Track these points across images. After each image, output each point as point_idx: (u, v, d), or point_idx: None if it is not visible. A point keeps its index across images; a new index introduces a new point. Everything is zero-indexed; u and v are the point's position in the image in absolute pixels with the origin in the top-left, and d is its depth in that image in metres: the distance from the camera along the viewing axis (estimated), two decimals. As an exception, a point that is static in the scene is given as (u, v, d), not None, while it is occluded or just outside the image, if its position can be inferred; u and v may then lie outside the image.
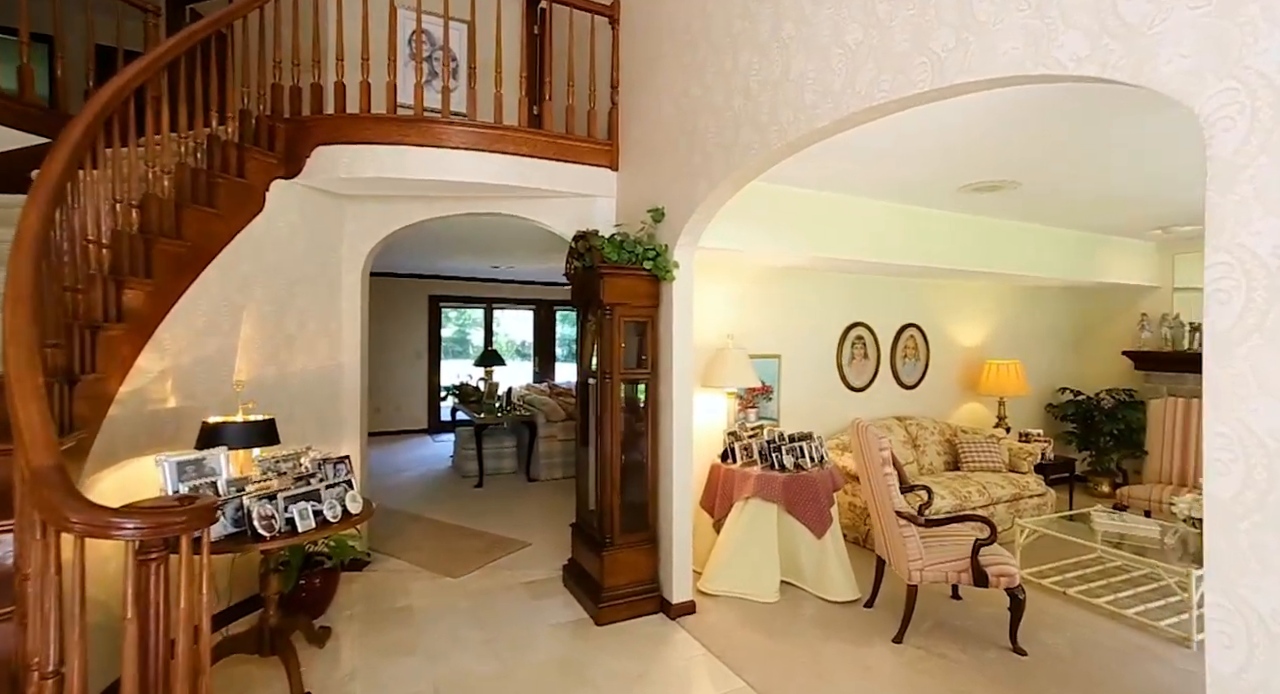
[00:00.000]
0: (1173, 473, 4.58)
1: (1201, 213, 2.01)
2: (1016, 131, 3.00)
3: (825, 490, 3.79)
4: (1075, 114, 2.73)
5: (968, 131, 3.02)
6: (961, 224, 4.70)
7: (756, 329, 4.75)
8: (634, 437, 3.68)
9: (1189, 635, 3.15)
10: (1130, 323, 6.03)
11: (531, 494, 6.01)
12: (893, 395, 5.45)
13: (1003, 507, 4.56)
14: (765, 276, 4.82)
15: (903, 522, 3.13)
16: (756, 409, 4.76)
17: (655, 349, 3.62)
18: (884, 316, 5.40)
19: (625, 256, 3.46)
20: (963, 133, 3.04)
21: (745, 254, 4.06)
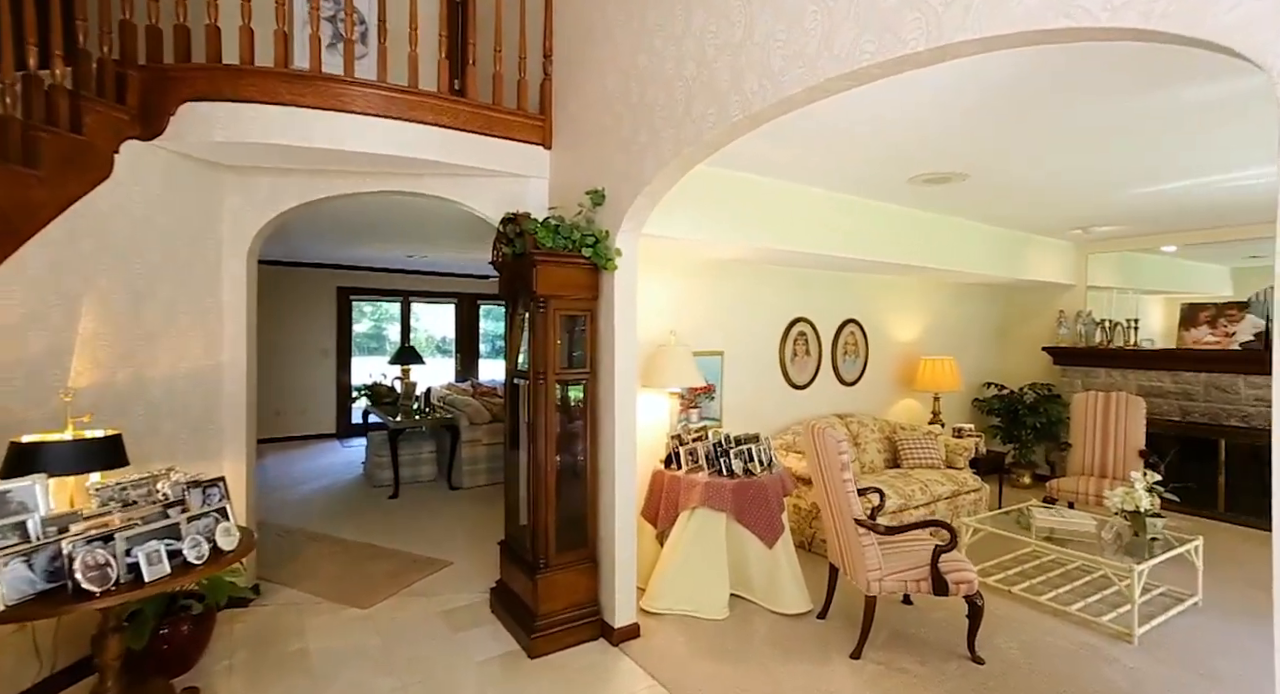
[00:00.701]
0: (1094, 465, 4.72)
1: (1119, 214, 1.88)
2: (969, 121, 2.87)
3: (776, 496, 3.57)
4: (1028, 103, 2.61)
5: (921, 120, 2.88)
6: (905, 219, 4.62)
7: (699, 325, 4.49)
8: (570, 444, 3.31)
9: (1130, 631, 3.15)
10: (1049, 320, 6.26)
11: (454, 505, 5.50)
12: (834, 393, 5.35)
13: (943, 504, 4.54)
14: (709, 269, 4.56)
15: (862, 530, 2.94)
16: (699, 409, 4.50)
17: (595, 346, 3.26)
18: (826, 312, 5.29)
19: (561, 242, 3.07)
20: (916, 121, 2.90)
21: (691, 244, 3.77)
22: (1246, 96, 2.50)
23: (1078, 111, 2.71)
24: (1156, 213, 4.60)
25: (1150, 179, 3.69)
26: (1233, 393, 5.03)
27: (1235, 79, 2.34)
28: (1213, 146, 3.13)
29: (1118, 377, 5.66)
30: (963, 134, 3.04)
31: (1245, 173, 3.58)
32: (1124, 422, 4.66)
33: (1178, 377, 5.31)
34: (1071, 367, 5.97)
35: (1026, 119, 2.81)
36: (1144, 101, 2.58)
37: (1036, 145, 3.14)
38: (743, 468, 3.64)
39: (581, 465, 3.26)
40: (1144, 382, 5.50)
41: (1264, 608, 3.56)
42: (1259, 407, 4.92)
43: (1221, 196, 4.10)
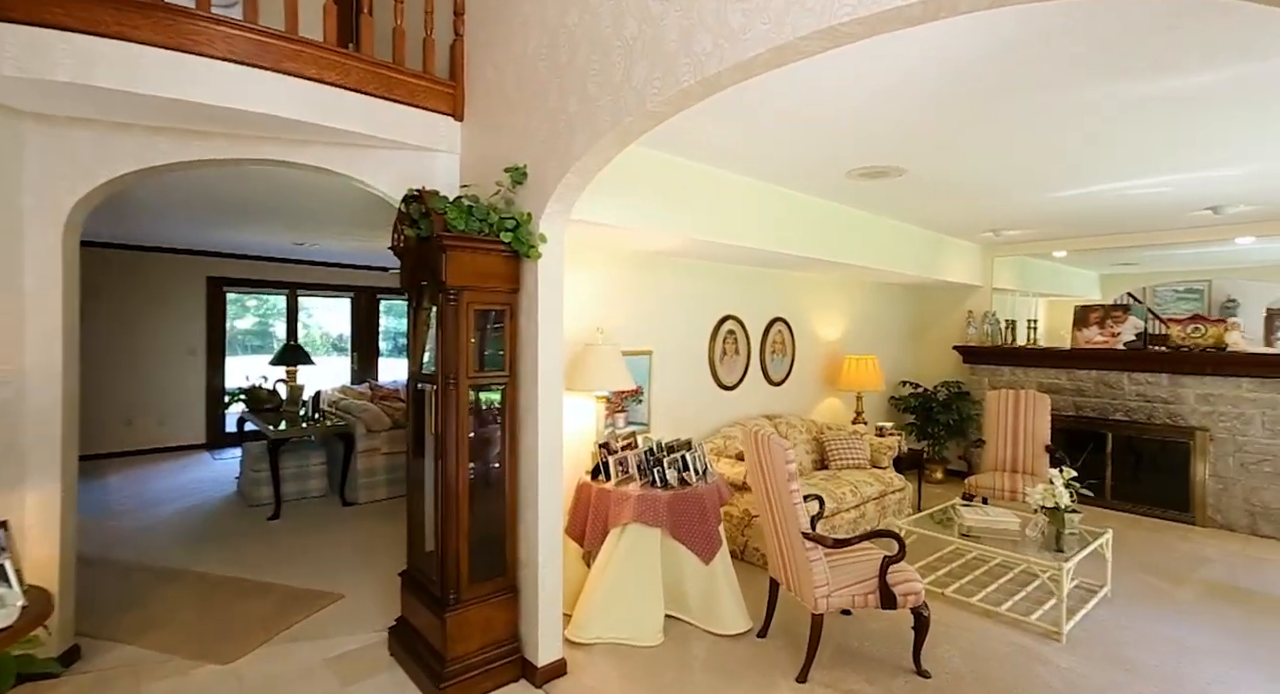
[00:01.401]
0: (1006, 460, 4.87)
1: (1029, 217, 1.73)
2: (915, 113, 2.76)
3: (713, 508, 3.32)
4: (976, 95, 2.50)
5: (869, 110, 2.75)
6: (838, 215, 4.54)
7: (628, 322, 4.17)
8: (485, 457, 2.89)
9: (1059, 629, 3.17)
10: (959, 319, 6.49)
11: (347, 524, 4.85)
12: (762, 393, 5.22)
13: (872, 505, 4.49)
14: (638, 262, 4.25)
15: (809, 545, 2.74)
16: (626, 413, 4.19)
17: (515, 345, 2.85)
18: (755, 310, 5.13)
19: (476, 226, 2.65)
20: (863, 110, 2.76)
21: (622, 232, 3.43)
22: (1169, 100, 2.51)
23: (1022, 106, 2.64)
24: (1062, 217, 4.80)
25: (1069, 181, 3.77)
26: (1118, 389, 5.39)
27: (1172, 78, 2.32)
28: (1125, 151, 3.20)
29: (1020, 374, 5.94)
30: (906, 127, 2.91)
31: (1141, 182, 3.73)
32: (1032, 418, 4.83)
33: (1072, 374, 5.62)
34: (979, 365, 6.21)
35: (972, 112, 2.71)
36: (1086, 96, 2.54)
37: (975, 140, 3.08)
38: (677, 478, 3.36)
39: (499, 481, 2.85)
40: (1043, 379, 5.79)
41: (1160, 594, 3.74)
42: (1139, 402, 5.29)
43: (1115, 204, 4.31)
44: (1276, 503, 4.72)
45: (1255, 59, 2.17)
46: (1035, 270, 6.78)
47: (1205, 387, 4.97)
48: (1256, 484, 4.79)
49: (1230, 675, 2.87)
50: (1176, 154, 3.22)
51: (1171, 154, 3.22)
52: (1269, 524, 4.75)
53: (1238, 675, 2.87)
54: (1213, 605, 3.62)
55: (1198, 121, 2.77)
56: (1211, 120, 2.75)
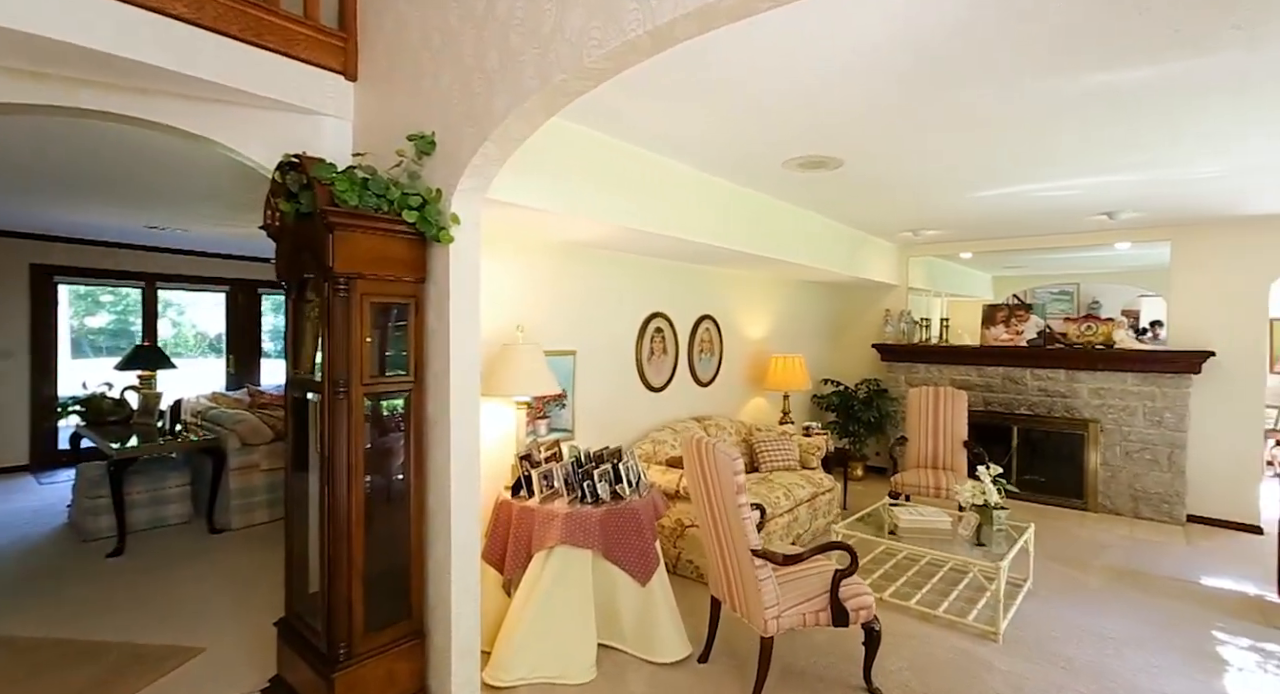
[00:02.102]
0: (928, 457, 4.95)
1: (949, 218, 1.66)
2: (862, 100, 2.63)
3: (649, 523, 3.02)
4: (924, 83, 2.36)
5: (816, 94, 2.57)
6: (770, 209, 4.38)
7: (550, 319, 3.79)
8: (386, 477, 2.43)
9: (995, 629, 3.15)
10: (877, 318, 6.61)
11: (213, 556, 4.12)
12: (691, 394, 4.99)
13: (804, 508, 4.38)
14: (561, 254, 3.87)
15: (759, 562, 2.50)
16: (548, 419, 3.80)
17: (422, 344, 2.41)
18: (683, 307, 4.90)
19: (372, 202, 2.19)
20: (810, 94, 2.59)
21: (546, 218, 3.05)
22: (1107, 96, 2.49)
23: (970, 97, 2.53)
24: (977, 219, 4.93)
25: (992, 180, 3.80)
26: (1023, 384, 5.65)
27: (1122, 71, 2.28)
28: (1052, 150, 3.22)
29: (935, 371, 6.12)
30: (852, 114, 2.75)
31: (1054, 183, 3.84)
32: (950, 414, 4.93)
33: (982, 370, 5.85)
34: (896, 362, 6.35)
35: (922, 100, 2.58)
36: (1032, 87, 2.47)
37: (916, 132, 2.97)
38: (609, 491, 3.03)
39: (401, 505, 2.39)
40: (956, 376, 5.99)
41: (1074, 583, 3.87)
42: (1041, 396, 5.58)
43: (1026, 206, 4.45)
44: (1155, 488, 5.10)
45: (1204, 53, 2.15)
46: (941, 270, 7.05)
47: (1097, 381, 5.30)
48: (1139, 471, 5.15)
49: (1153, 664, 2.94)
50: (1102, 155, 3.28)
51: (1096, 155, 3.27)
52: (1148, 507, 5.12)
53: (1159, 663, 2.95)
54: (1119, 590, 3.77)
55: (1124, 121, 2.80)
56: (1139, 120, 2.78)
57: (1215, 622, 3.40)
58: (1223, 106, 2.62)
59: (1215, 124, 2.82)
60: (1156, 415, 5.06)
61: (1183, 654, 3.05)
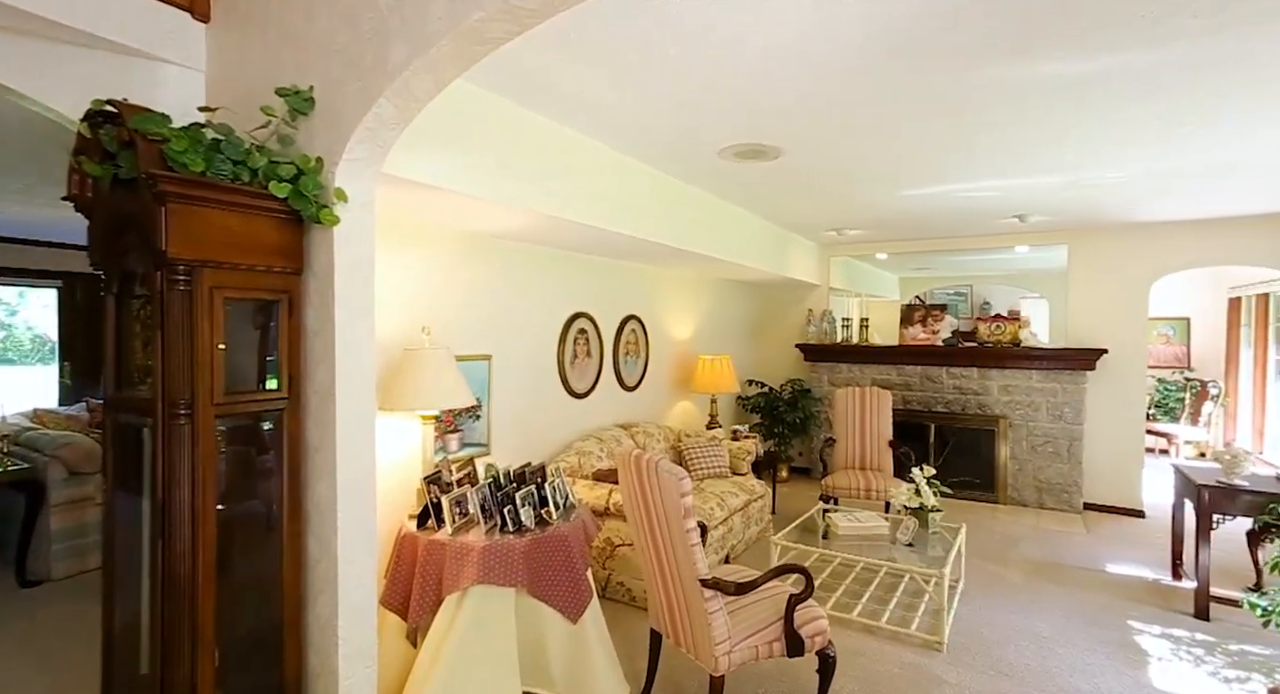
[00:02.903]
0: (856, 458, 4.92)
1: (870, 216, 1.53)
2: (807, 86, 2.43)
3: (580, 551, 2.66)
4: (869, 70, 2.19)
5: (756, 69, 2.31)
6: (701, 203, 4.15)
7: (461, 321, 3.34)
8: (248, 519, 1.93)
9: (939, 637, 3.06)
10: (800, 317, 6.59)
11: (17, 618, 3.30)
12: (616, 399, 4.67)
13: (738, 517, 4.18)
14: (474, 246, 3.43)
15: (709, 594, 2.22)
16: (460, 433, 3.35)
17: (298, 351, 1.93)
18: (607, 306, 4.57)
19: (227, 169, 1.70)
20: (750, 70, 2.32)
21: (459, 203, 2.61)
22: (1052, 88, 2.43)
23: (921, 84, 2.38)
24: (899, 218, 4.96)
25: (922, 178, 3.76)
26: (939, 383, 5.80)
27: (1072, 61, 2.20)
28: (985, 146, 3.19)
29: (857, 371, 6.16)
30: (798, 98, 2.54)
31: (978, 183, 3.86)
32: (876, 414, 4.93)
33: (901, 369, 5.95)
34: (819, 362, 6.35)
35: (870, 86, 2.40)
36: (979, 77, 2.35)
37: (861, 122, 2.82)
38: (534, 516, 2.65)
39: (271, 554, 1.90)
40: (877, 375, 6.06)
41: (998, 580, 3.92)
42: (956, 394, 5.74)
43: (947, 206, 4.51)
44: (1056, 479, 5.36)
45: (1140, 47, 2.09)
46: (857, 271, 7.17)
47: (1006, 379, 5.51)
48: (1042, 463, 5.40)
49: (1085, 662, 2.95)
50: (1027, 156, 3.28)
51: (1021, 155, 3.27)
52: (1051, 498, 5.38)
53: (1090, 660, 2.97)
54: (1040, 585, 3.85)
55: (1055, 121, 2.77)
56: (1067, 119, 2.76)
57: (1128, 611, 3.52)
58: (1135, 111, 2.65)
59: (1127, 129, 2.86)
60: (1058, 410, 5.32)
61: (1107, 648, 3.10)
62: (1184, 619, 3.45)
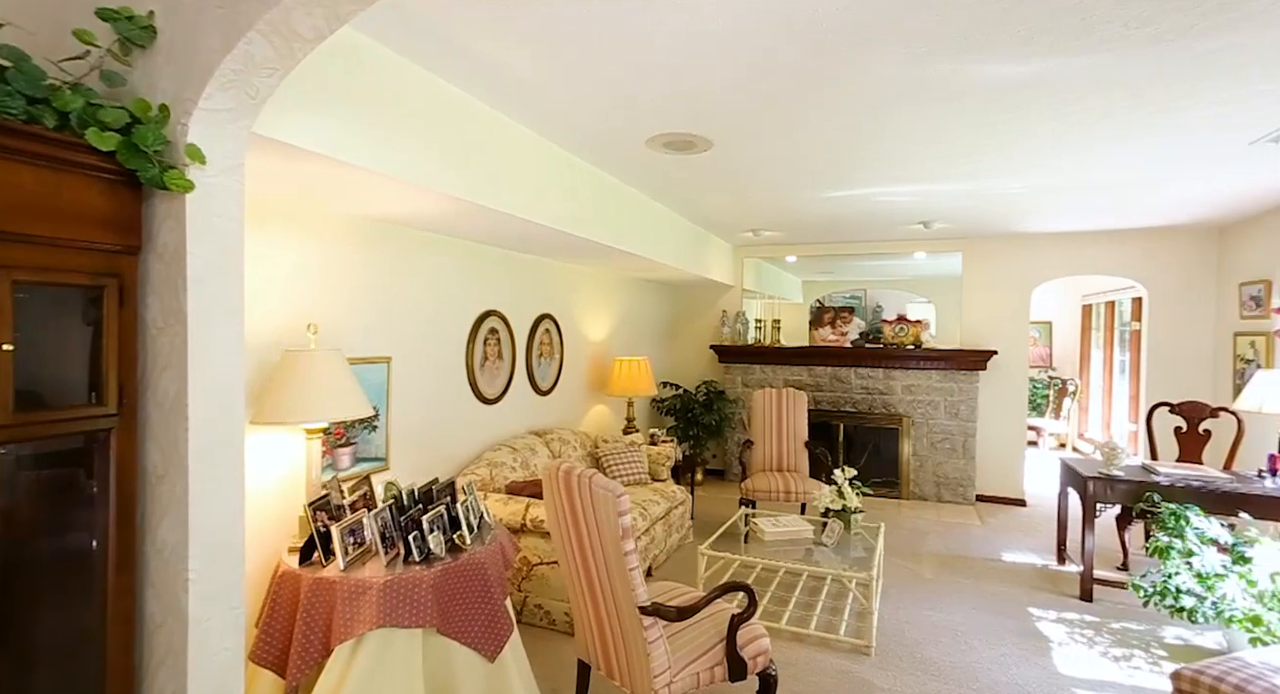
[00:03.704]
0: (773, 460, 4.91)
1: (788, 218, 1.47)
2: (744, 73, 2.27)
3: (498, 578, 2.36)
4: (810, 59, 2.09)
5: (695, 52, 2.13)
6: (623, 197, 3.93)
7: (356, 318, 2.91)
8: (54, 573, 1.47)
9: (867, 641, 3.04)
10: (714, 318, 6.55)
11: None
12: (529, 404, 4.35)
13: (660, 526, 4.00)
14: (371, 233, 3.00)
15: (649, 621, 2.00)
16: (354, 447, 2.92)
17: (131, 354, 1.50)
18: (520, 304, 4.24)
19: (17, 106, 1.27)
20: (689, 53, 2.15)
21: (356, 178, 2.21)
22: (983, 90, 2.45)
23: (859, 76, 2.30)
24: (814, 220, 5.01)
25: (845, 180, 3.77)
26: (848, 383, 5.96)
27: (1005, 63, 2.20)
28: (910, 148, 3.22)
29: (770, 372, 6.21)
30: (735, 85, 2.39)
31: (894, 188, 3.95)
32: (792, 415, 4.95)
33: (812, 370, 6.06)
34: (733, 364, 6.34)
35: (812, 77, 2.29)
36: (912, 74, 2.30)
37: (799, 115, 2.71)
38: (444, 542, 2.31)
39: (88, 616, 1.45)
40: (789, 376, 6.13)
41: (912, 577, 4.02)
42: (863, 394, 5.93)
43: (862, 209, 4.61)
44: (953, 474, 5.67)
45: (1068, 53, 2.12)
46: (765, 273, 7.28)
47: (909, 379, 5.76)
48: (941, 459, 5.70)
49: (1001, 655, 3.04)
50: (944, 160, 3.34)
51: (939, 159, 3.33)
52: (948, 491, 5.68)
53: (1004, 652, 3.06)
54: (949, 578, 3.99)
55: (973, 127, 2.81)
56: (986, 128, 2.81)
57: (1026, 599, 3.71)
58: (1048, 125, 2.75)
59: (1039, 141, 2.98)
60: (954, 408, 5.63)
61: (1016, 638, 3.22)
62: (1072, 602, 3.68)
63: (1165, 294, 5.27)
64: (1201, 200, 4.15)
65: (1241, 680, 2.12)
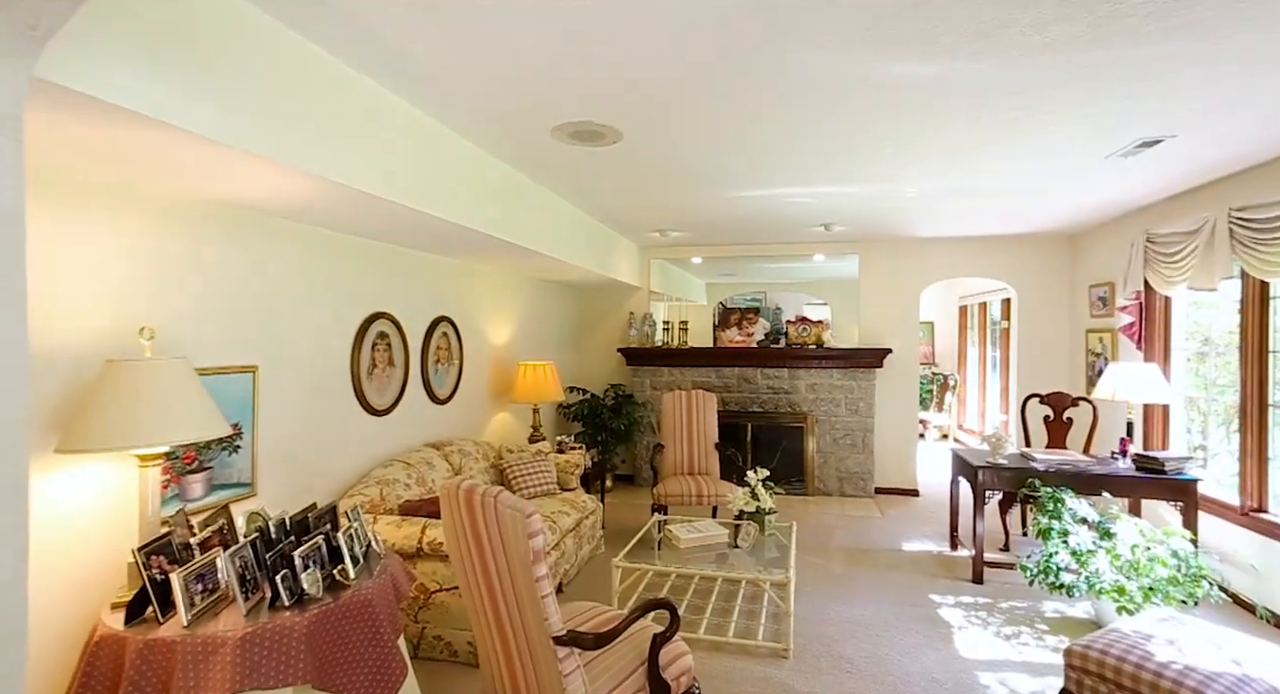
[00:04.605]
0: (684, 463, 4.84)
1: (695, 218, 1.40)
2: (658, 59, 2.15)
3: (389, 616, 2.06)
4: (733, 46, 2.01)
5: (610, 30, 1.97)
6: (525, 190, 3.69)
7: (210, 321, 2.47)
8: None
9: (785, 645, 3.00)
10: (620, 321, 6.42)
11: None
12: (425, 415, 3.98)
13: (570, 538, 3.78)
14: (232, 224, 2.57)
15: (564, 652, 1.79)
16: (208, 473, 2.48)
17: None
18: (414, 306, 3.87)
19: None
20: (594, 41, 1.99)
21: (201, 151, 1.83)
22: (899, 88, 2.48)
23: (771, 67, 2.24)
24: (722, 220, 5.00)
25: (754, 180, 3.76)
26: (755, 383, 6.04)
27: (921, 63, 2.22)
28: (822, 149, 3.24)
29: (679, 374, 6.16)
30: (640, 77, 2.26)
31: (802, 189, 4.00)
32: (702, 417, 4.90)
33: (720, 372, 6.08)
34: (641, 366, 6.24)
35: (710, 77, 2.20)
36: (823, 68, 2.28)
37: (711, 106, 2.62)
38: (322, 580, 1.98)
39: None
40: (697, 378, 6.12)
41: (822, 573, 4.07)
42: (769, 394, 6.03)
43: (768, 210, 4.65)
44: (854, 468, 5.89)
45: (966, 56, 2.18)
46: (672, 275, 7.27)
47: (812, 378, 5.91)
48: (843, 455, 5.90)
49: (909, 644, 3.10)
50: (852, 161, 3.39)
51: (848, 159, 3.36)
52: (850, 485, 5.90)
53: (912, 641, 3.13)
54: (857, 572, 4.08)
55: (892, 126, 2.86)
56: (901, 128, 2.87)
57: (926, 586, 3.85)
58: (946, 130, 2.85)
59: (938, 145, 3.09)
60: (854, 405, 5.85)
61: (921, 625, 3.31)
62: (966, 585, 3.87)
63: (1030, 295, 5.77)
64: (1064, 209, 4.55)
65: (1122, 651, 2.25)
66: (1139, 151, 3.18)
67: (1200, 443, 4.45)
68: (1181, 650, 2.17)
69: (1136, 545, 3.22)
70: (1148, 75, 2.30)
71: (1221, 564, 3.39)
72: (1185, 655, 2.14)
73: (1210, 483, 3.93)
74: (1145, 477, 3.67)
